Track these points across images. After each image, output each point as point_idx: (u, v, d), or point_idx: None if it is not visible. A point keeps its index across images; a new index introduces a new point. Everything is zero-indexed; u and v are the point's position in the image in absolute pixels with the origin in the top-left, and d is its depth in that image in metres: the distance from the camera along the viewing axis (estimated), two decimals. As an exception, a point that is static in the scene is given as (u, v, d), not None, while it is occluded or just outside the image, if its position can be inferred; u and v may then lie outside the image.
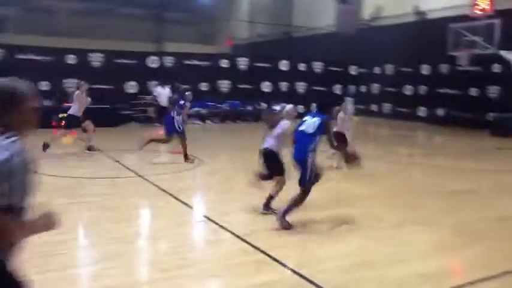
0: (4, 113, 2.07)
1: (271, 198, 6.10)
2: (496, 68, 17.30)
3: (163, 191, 7.40)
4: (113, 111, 17.33)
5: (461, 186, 8.44)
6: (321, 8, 23.84)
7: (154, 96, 17.65)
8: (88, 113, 10.84)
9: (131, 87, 18.76)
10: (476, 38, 15.52)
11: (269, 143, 6.30)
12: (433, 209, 6.72)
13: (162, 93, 17.73)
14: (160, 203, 6.83)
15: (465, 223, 6.09)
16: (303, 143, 5.65)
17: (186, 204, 6.69)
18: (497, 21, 14.92)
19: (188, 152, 9.92)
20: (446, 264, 4.75)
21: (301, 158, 5.59)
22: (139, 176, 8.52)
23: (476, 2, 15.80)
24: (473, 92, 18.33)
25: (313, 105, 6.43)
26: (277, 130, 6.27)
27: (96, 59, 17.94)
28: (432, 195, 7.61)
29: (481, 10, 15.68)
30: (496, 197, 7.73)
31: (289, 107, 6.64)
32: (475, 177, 9.29)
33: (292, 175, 5.90)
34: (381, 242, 5.25)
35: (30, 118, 2.14)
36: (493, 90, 17.78)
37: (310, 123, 5.72)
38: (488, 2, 15.50)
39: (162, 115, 15.14)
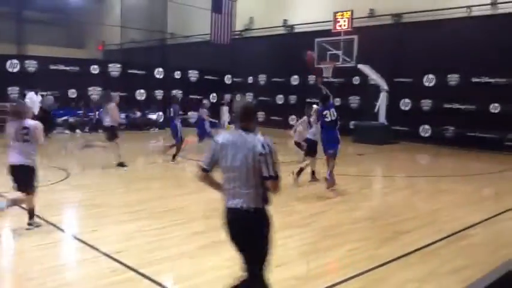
0: (250, 120, 3.34)
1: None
2: (356, 80, 18.95)
3: (24, 208, 6.73)
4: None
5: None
6: (196, 16, 23.92)
7: (25, 102, 16.44)
8: None
9: (-14, 93, 16.91)
10: (338, 52, 16.82)
11: (310, 135, 9.59)
12: (307, 213, 7.08)
13: (35, 99, 16.64)
14: (20, 222, 6.19)
15: (335, 225, 6.50)
16: (333, 128, 8.91)
17: (50, 222, 6.15)
18: (355, 37, 16.33)
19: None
20: (318, 266, 4.98)
21: (336, 137, 8.91)
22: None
23: (337, 19, 17.14)
24: (337, 101, 19.80)
25: (315, 107, 9.76)
26: (313, 129, 9.50)
27: None
28: (305, 199, 8.01)
29: (340, 26, 17.04)
30: (361, 200, 8.41)
31: (315, 107, 9.66)
32: (342, 181, 9.97)
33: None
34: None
35: (257, 123, 3.42)
36: (354, 100, 19.43)
37: (331, 113, 8.80)
38: (347, 19, 16.91)
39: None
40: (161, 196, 8.09)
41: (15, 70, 17.63)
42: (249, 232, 3.32)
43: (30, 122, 5.81)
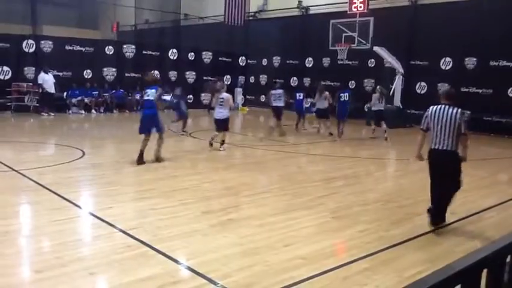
0: (452, 99, 5.49)
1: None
2: (371, 62, 18.73)
3: (42, 186, 6.87)
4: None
5: (341, 172, 9.00)
6: (210, -3, 23.79)
7: (40, 84, 16.80)
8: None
9: (4, 73, 17.14)
10: (353, 34, 16.60)
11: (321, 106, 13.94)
12: (316, 195, 7.08)
13: (47, 79, 16.93)
14: (38, 198, 6.33)
15: (344, 207, 6.51)
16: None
17: (66, 199, 6.27)
18: (371, 19, 16.08)
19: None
20: (326, 246, 5.01)
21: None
22: (14, 170, 7.81)
23: (352, 0, 16.85)
24: (352, 84, 19.64)
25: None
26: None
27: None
28: (315, 181, 8.02)
29: (356, 8, 16.77)
30: (373, 182, 8.38)
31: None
32: (354, 164, 9.97)
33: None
34: (265, 229, 5.39)
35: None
36: (369, 83, 19.23)
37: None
38: (362, 1, 16.60)
39: (50, 101, 17.01)
40: (174, 175, 8.18)
41: (31, 50, 17.76)
42: (450, 164, 5.39)
43: (224, 95, 10.34)
